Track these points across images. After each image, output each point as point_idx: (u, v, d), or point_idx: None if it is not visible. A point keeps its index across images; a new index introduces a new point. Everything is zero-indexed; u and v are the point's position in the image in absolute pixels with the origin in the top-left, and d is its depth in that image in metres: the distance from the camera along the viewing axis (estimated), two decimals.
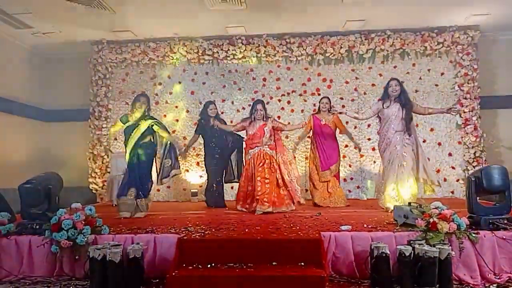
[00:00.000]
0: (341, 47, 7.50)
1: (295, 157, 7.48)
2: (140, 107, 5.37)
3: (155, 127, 5.37)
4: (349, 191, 7.40)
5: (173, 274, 3.18)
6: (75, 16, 6.39)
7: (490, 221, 3.67)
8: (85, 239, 3.65)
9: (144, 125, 5.32)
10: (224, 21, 6.95)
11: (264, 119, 5.73)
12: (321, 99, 6.43)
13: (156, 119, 5.58)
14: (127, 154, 5.32)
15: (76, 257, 3.65)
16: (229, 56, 7.66)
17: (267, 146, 5.66)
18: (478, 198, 3.86)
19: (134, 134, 5.30)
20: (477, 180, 3.75)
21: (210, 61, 7.75)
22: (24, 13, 6.28)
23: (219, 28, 7.24)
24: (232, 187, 7.17)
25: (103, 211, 5.16)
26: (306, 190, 7.32)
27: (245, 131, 5.91)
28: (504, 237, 3.54)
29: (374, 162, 7.37)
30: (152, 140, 5.41)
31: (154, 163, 5.50)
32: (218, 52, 7.63)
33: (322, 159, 6.24)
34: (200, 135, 6.48)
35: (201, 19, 6.79)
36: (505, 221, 3.67)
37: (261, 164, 5.55)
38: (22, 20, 6.53)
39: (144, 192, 5.30)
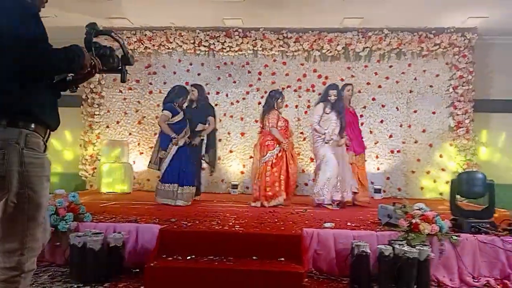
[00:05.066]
0: (338, 44, 7.47)
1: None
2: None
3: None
4: None
5: (151, 264, 3.17)
6: (71, 0, 6.34)
7: (473, 224, 3.67)
8: (67, 225, 3.63)
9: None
10: (221, 12, 6.91)
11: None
12: (345, 85, 6.13)
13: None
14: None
15: (57, 244, 3.64)
16: (225, 48, 7.62)
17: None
18: (458, 201, 3.86)
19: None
20: (459, 184, 3.77)
21: (206, 53, 7.71)
22: None
23: (216, 19, 7.19)
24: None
25: (89, 199, 5.16)
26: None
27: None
28: (485, 241, 3.54)
29: (377, 157, 7.39)
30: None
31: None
32: (214, 44, 7.59)
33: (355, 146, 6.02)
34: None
35: (199, 10, 6.76)
36: (488, 225, 3.68)
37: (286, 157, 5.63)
38: None
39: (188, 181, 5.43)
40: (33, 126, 1.85)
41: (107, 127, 7.67)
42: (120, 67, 2.09)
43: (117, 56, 2.08)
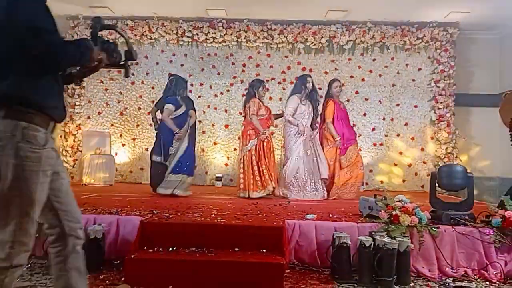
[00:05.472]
0: (322, 37, 7.47)
1: None
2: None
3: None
4: None
5: (132, 256, 3.14)
6: None
7: (452, 216, 3.73)
8: None
9: None
10: (205, 3, 6.83)
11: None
12: (333, 81, 6.09)
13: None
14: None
15: (36, 235, 3.56)
16: (209, 39, 7.54)
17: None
18: (440, 193, 3.93)
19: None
20: (439, 176, 3.82)
21: (189, 43, 7.62)
22: None
23: (199, 9, 7.11)
24: None
25: None
26: None
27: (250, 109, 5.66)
28: (463, 232, 3.60)
29: (360, 150, 7.38)
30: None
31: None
32: (197, 35, 7.51)
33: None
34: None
35: None
36: (466, 217, 3.74)
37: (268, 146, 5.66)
38: None
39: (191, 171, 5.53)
40: (34, 118, 1.82)
41: (88, 118, 7.55)
42: (123, 62, 2.12)
43: (119, 51, 2.11)
